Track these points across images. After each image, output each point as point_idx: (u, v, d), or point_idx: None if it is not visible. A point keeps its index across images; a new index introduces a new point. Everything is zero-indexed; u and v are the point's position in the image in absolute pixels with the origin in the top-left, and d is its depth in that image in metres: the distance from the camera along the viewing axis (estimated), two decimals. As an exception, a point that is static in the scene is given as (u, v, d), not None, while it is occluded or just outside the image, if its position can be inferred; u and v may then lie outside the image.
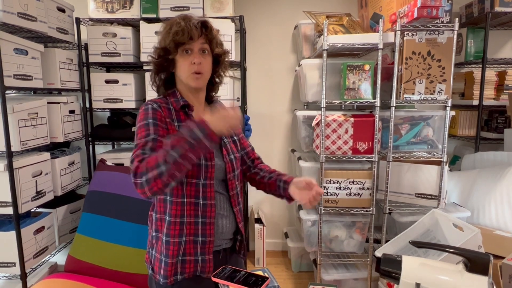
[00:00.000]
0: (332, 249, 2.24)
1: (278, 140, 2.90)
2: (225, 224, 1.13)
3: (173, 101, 1.11)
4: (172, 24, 1.06)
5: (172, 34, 1.03)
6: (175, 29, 1.03)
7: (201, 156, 0.96)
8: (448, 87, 1.94)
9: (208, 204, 1.08)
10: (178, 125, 1.07)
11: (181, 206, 1.07)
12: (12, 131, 1.80)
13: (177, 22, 1.04)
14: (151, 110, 1.05)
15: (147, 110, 1.06)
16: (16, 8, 1.81)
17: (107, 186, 2.11)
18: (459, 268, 0.78)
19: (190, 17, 1.07)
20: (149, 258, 1.15)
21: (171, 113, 1.09)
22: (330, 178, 2.09)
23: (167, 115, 1.08)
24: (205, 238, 1.09)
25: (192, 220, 1.07)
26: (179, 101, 1.10)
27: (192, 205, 1.07)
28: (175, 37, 1.03)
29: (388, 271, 0.81)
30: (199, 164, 1.05)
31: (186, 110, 1.11)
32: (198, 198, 1.07)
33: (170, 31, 1.05)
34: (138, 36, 2.37)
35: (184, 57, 1.07)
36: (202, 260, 1.09)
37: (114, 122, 2.59)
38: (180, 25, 1.03)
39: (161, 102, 1.09)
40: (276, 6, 2.76)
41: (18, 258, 1.86)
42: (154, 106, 1.06)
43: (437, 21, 1.87)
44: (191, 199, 1.07)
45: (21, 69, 1.87)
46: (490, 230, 1.99)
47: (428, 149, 2.13)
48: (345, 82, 2.01)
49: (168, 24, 1.07)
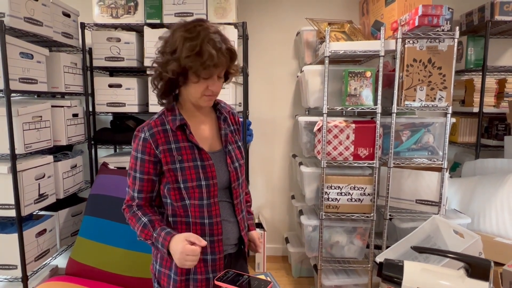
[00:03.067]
0: (333, 254, 2.24)
1: (279, 145, 2.92)
2: (229, 229, 1.13)
3: (170, 120, 1.07)
4: (202, 46, 0.96)
5: (201, 63, 0.96)
6: (206, 58, 0.96)
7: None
8: (448, 94, 1.96)
9: (214, 223, 1.08)
10: (176, 147, 1.05)
11: (185, 226, 1.08)
12: (16, 134, 1.81)
13: (209, 52, 0.96)
14: (142, 142, 1.05)
15: (139, 140, 1.06)
16: (23, 12, 1.84)
17: (109, 189, 2.12)
18: (460, 274, 0.79)
19: (220, 43, 0.99)
20: (154, 271, 1.14)
21: (168, 134, 1.06)
22: (331, 184, 2.10)
23: (162, 138, 1.05)
24: (215, 256, 1.09)
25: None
26: (176, 120, 1.06)
27: (198, 225, 1.08)
28: (204, 65, 0.97)
29: (390, 276, 0.82)
30: (200, 185, 1.05)
31: (184, 128, 1.08)
32: (203, 218, 1.07)
33: (199, 54, 0.96)
34: (142, 41, 2.39)
35: (201, 81, 1.02)
36: (214, 277, 1.09)
37: (117, 126, 2.60)
38: (212, 56, 0.96)
39: (157, 124, 1.06)
40: (278, 12, 2.79)
41: (19, 260, 1.86)
42: (146, 135, 1.05)
43: (437, 29, 1.89)
44: (196, 220, 1.07)
45: (26, 72, 1.90)
46: (490, 237, 2.00)
47: (428, 156, 2.14)
48: (346, 89, 2.03)
49: (196, 43, 0.97)
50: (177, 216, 1.08)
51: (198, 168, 1.05)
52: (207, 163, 1.07)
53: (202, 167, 1.06)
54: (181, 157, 1.05)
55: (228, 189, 1.14)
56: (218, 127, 1.17)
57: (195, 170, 1.05)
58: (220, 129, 1.16)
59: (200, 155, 1.07)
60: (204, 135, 1.12)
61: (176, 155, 1.05)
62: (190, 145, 1.07)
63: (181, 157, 1.05)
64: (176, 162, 1.05)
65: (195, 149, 1.07)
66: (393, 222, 2.16)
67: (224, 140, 1.14)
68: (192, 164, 1.05)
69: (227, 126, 1.18)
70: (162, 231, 1.03)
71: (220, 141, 1.15)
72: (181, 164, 1.05)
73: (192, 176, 1.05)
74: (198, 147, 1.07)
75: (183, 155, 1.05)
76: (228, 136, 1.16)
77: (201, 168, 1.06)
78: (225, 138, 1.15)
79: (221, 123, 1.16)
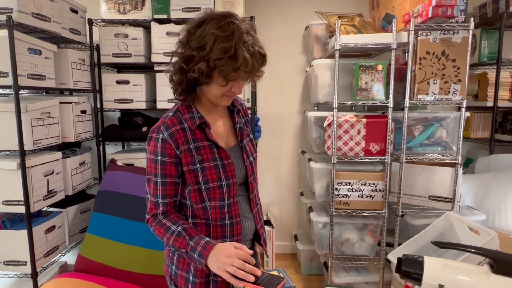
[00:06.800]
0: (343, 252, 2.21)
1: (288, 141, 2.89)
2: (248, 226, 1.11)
3: (188, 118, 1.02)
4: (237, 49, 0.90)
5: (233, 68, 0.91)
6: (240, 63, 0.90)
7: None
8: (463, 88, 1.91)
9: (234, 223, 1.06)
10: (195, 146, 1.00)
11: (205, 227, 1.05)
12: (25, 130, 1.81)
13: (244, 56, 0.90)
14: (160, 144, 0.98)
15: (156, 141, 0.98)
16: (31, 8, 1.83)
17: (118, 186, 2.11)
18: (484, 270, 0.75)
19: (253, 45, 0.93)
20: (169, 273, 1.10)
21: (186, 133, 1.00)
22: (342, 180, 2.06)
23: (182, 138, 0.99)
24: None
25: (219, 241, 1.02)
26: (195, 118, 1.01)
27: (218, 227, 1.04)
28: (236, 69, 0.92)
29: (410, 272, 0.79)
30: (221, 185, 1.02)
31: (203, 127, 1.03)
32: (224, 219, 1.04)
33: (233, 58, 0.90)
34: (149, 37, 2.38)
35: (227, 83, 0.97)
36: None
37: (125, 122, 2.60)
38: (247, 61, 0.91)
39: (174, 123, 1.00)
40: (287, 6, 2.75)
41: (29, 256, 1.86)
42: (164, 136, 0.98)
43: (451, 20, 1.84)
44: (216, 222, 1.04)
45: (34, 68, 1.89)
46: (506, 234, 1.94)
47: (441, 151, 2.09)
48: (357, 83, 1.99)
49: (230, 45, 0.90)
50: (197, 217, 1.05)
51: (218, 168, 1.02)
52: (226, 162, 1.04)
53: (222, 166, 1.03)
54: (201, 157, 1.01)
55: (244, 184, 1.12)
56: (231, 121, 1.14)
57: (215, 170, 1.01)
58: (234, 123, 1.13)
59: (219, 154, 1.03)
60: (220, 131, 1.09)
61: (196, 155, 1.00)
62: (210, 144, 1.03)
63: (201, 157, 1.01)
64: (196, 163, 1.00)
65: (214, 148, 1.03)
66: (405, 219, 2.12)
67: (239, 134, 1.12)
68: (213, 164, 1.02)
69: (240, 119, 1.16)
70: (202, 240, 0.96)
71: (235, 136, 1.13)
72: (201, 164, 1.00)
73: (213, 176, 1.01)
74: (217, 145, 1.03)
75: (203, 154, 1.01)
76: (243, 130, 1.13)
77: (221, 167, 1.03)
78: (240, 133, 1.12)
79: (235, 116, 1.13)
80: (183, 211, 1.08)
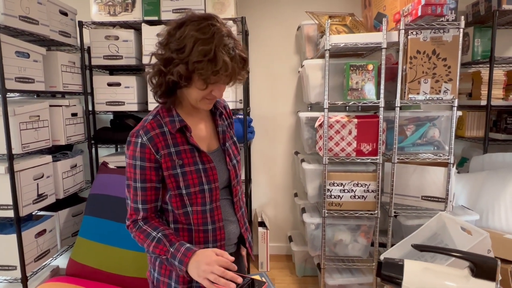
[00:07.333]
0: (337, 253, 2.19)
1: (281, 142, 2.87)
2: (232, 229, 1.09)
3: (168, 122, 0.99)
4: (216, 52, 0.88)
5: (213, 71, 0.89)
6: (220, 66, 0.88)
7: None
8: (454, 86, 1.90)
9: (217, 228, 1.04)
10: (175, 150, 0.99)
11: (188, 233, 1.03)
12: (13, 134, 1.80)
13: (223, 60, 0.88)
14: (139, 148, 0.96)
15: (135, 146, 0.96)
16: (18, 11, 1.82)
17: (109, 189, 2.10)
18: (465, 273, 0.74)
19: (234, 49, 0.91)
20: (152, 279, 1.08)
21: (166, 137, 0.98)
22: (334, 181, 2.05)
23: (162, 142, 0.97)
24: None
25: (202, 247, 1.01)
26: (175, 122, 0.99)
27: (201, 232, 1.03)
28: (216, 73, 0.90)
29: (390, 276, 0.77)
30: (203, 189, 1.00)
31: (184, 130, 1.01)
32: (206, 224, 1.03)
33: (212, 61, 0.88)
34: (140, 39, 2.36)
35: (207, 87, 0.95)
36: None
37: (117, 125, 2.58)
38: (227, 65, 0.89)
39: (154, 127, 0.98)
40: (278, 7, 2.74)
41: (19, 261, 1.84)
42: (143, 140, 0.96)
43: (442, 19, 1.82)
44: (199, 227, 1.02)
45: (22, 72, 1.88)
46: (499, 233, 1.93)
47: (434, 151, 2.08)
48: (348, 83, 1.97)
49: (209, 48, 0.88)
50: (179, 223, 1.03)
51: (200, 172, 1.00)
52: (208, 166, 1.02)
53: (204, 171, 1.01)
54: (182, 161, 0.99)
55: (227, 187, 1.10)
56: (213, 124, 1.12)
57: (197, 174, 1.00)
58: (217, 126, 1.11)
59: (200, 158, 1.01)
60: (202, 135, 1.07)
61: (177, 159, 0.98)
62: (191, 148, 1.01)
63: (182, 161, 0.99)
64: (177, 167, 0.98)
65: (195, 152, 1.01)
66: (398, 219, 2.10)
67: (222, 137, 1.10)
68: (194, 168, 1.00)
69: (223, 121, 1.14)
70: (182, 246, 0.94)
71: (217, 139, 1.11)
72: (182, 169, 0.98)
73: (195, 181, 0.99)
74: (198, 149, 1.01)
75: (184, 159, 0.99)
76: (225, 133, 1.11)
77: (203, 171, 1.01)
78: (223, 136, 1.10)
79: (217, 119, 1.11)
80: (165, 216, 1.06)
